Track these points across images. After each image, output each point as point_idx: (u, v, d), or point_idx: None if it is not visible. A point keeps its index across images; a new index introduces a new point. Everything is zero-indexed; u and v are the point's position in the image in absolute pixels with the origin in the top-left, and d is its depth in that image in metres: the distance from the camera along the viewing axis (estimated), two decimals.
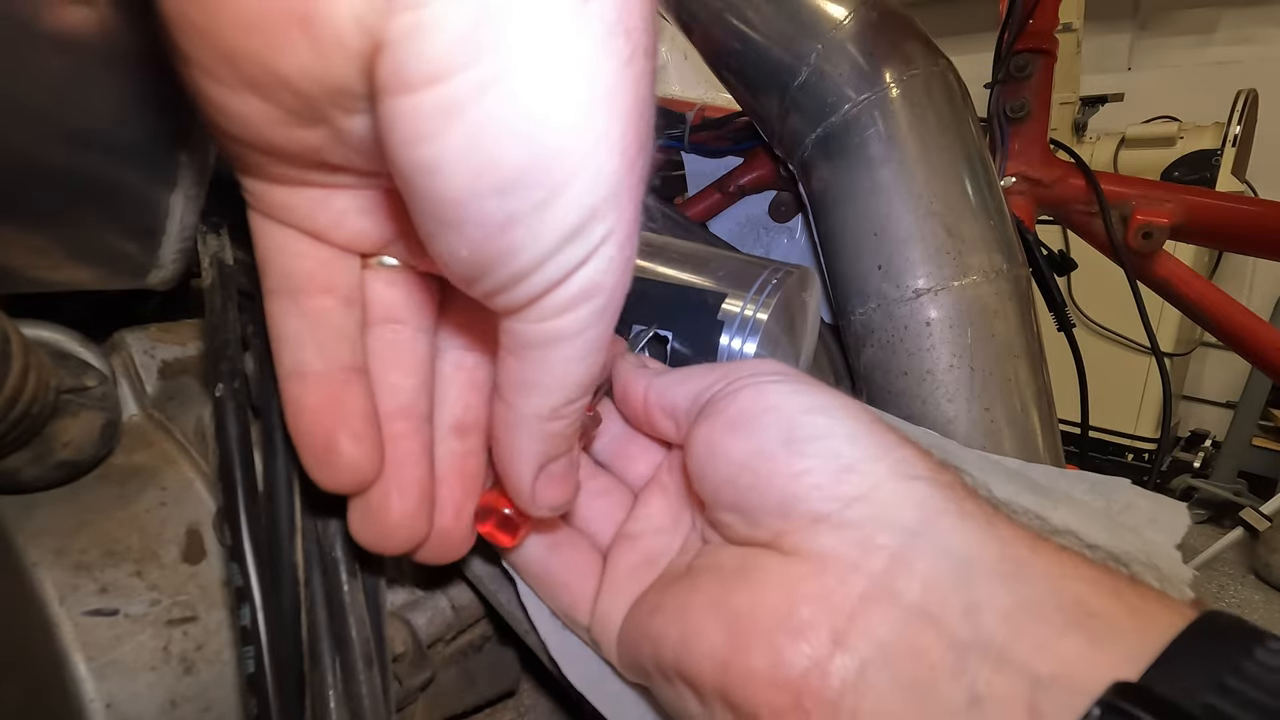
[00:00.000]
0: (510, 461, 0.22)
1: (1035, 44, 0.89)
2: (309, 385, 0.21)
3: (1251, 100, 1.89)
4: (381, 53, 0.15)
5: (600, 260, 0.17)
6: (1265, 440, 2.28)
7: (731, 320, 0.35)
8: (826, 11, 0.48)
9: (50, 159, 0.21)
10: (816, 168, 0.50)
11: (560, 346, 0.18)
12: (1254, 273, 2.44)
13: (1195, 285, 0.91)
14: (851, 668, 0.18)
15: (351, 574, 0.24)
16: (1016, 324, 0.47)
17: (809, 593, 0.19)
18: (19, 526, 0.23)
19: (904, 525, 0.19)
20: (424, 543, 0.24)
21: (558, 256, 0.16)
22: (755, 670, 0.18)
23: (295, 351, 0.21)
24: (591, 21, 0.15)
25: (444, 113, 0.14)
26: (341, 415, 0.21)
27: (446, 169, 0.15)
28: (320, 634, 0.24)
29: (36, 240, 0.23)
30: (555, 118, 0.15)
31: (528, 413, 0.20)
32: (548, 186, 0.15)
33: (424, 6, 0.14)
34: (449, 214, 0.16)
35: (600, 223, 0.16)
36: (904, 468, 0.20)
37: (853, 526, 0.19)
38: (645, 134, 0.17)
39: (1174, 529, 0.22)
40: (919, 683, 0.17)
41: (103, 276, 0.25)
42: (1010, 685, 0.16)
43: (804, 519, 0.20)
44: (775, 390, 0.22)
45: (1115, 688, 0.15)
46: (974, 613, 0.17)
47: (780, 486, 0.20)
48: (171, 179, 0.24)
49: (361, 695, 0.23)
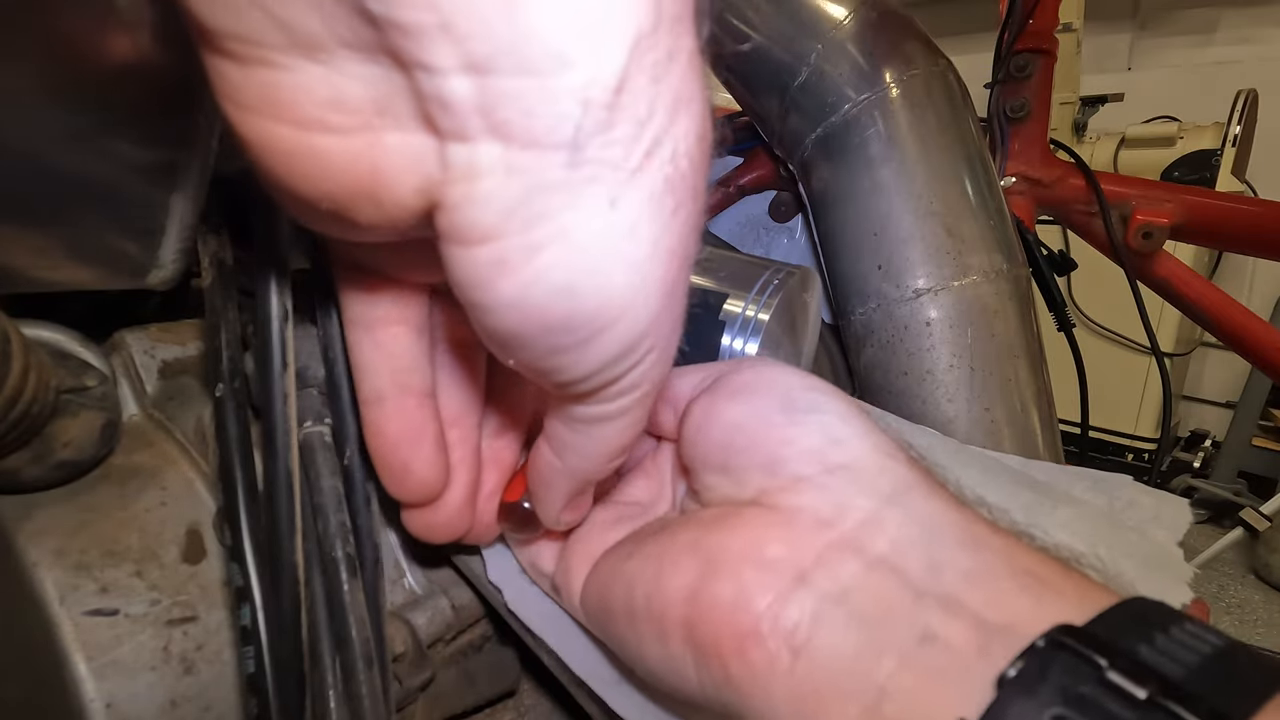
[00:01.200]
0: (545, 494, 0.24)
1: (1035, 44, 0.89)
2: (386, 411, 0.23)
3: (1251, 100, 1.89)
4: (439, 211, 0.16)
5: (642, 368, 0.18)
6: (1265, 440, 2.27)
7: (733, 320, 0.35)
8: (826, 11, 0.48)
9: (50, 159, 0.21)
10: (816, 168, 0.50)
11: (604, 425, 0.20)
12: (1254, 273, 2.44)
13: (1195, 285, 0.91)
14: (810, 602, 0.19)
15: (351, 574, 0.24)
16: (1016, 324, 0.47)
17: (779, 536, 0.20)
18: (19, 526, 0.23)
19: (880, 493, 0.20)
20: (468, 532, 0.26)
21: (602, 373, 0.18)
22: (719, 599, 0.19)
23: (372, 379, 0.23)
24: (640, 191, 0.15)
25: (495, 267, 0.15)
26: (415, 440, 0.24)
27: (497, 310, 0.16)
28: (320, 634, 0.24)
29: (36, 240, 0.23)
30: (600, 278, 0.16)
31: (570, 467, 0.22)
32: (592, 329, 0.16)
33: (476, 180, 0.15)
34: (498, 338, 0.17)
35: (642, 346, 0.17)
36: (886, 448, 0.22)
37: (832, 489, 0.20)
38: (688, 261, 0.17)
39: (1176, 526, 0.22)
40: (874, 619, 0.18)
41: (103, 276, 0.25)
42: (962, 628, 0.17)
43: (787, 478, 0.21)
44: (776, 369, 0.24)
45: (1059, 627, 0.16)
46: (934, 568, 0.18)
47: (771, 449, 0.21)
48: (171, 179, 0.24)
49: (361, 695, 0.23)
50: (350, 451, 0.26)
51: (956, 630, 0.17)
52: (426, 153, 0.15)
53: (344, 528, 0.25)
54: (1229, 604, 1.95)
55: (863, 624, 0.18)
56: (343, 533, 0.25)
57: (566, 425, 0.21)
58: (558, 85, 0.13)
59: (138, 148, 0.23)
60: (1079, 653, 0.15)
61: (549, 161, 0.14)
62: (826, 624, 0.18)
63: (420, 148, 0.15)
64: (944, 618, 0.17)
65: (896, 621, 0.18)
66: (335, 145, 0.15)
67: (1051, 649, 0.15)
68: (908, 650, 0.17)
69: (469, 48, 0.13)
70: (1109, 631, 0.16)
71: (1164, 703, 0.14)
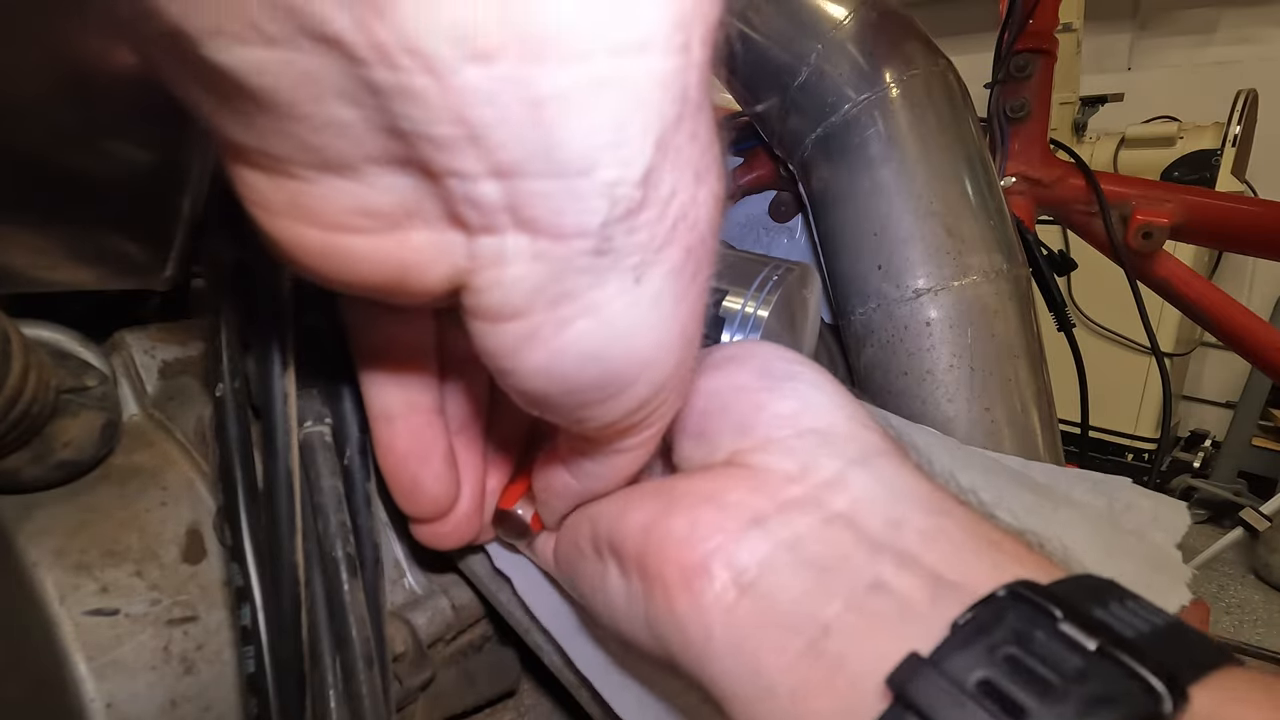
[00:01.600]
0: (555, 506, 0.24)
1: (1035, 44, 0.89)
2: (396, 428, 0.24)
3: (1251, 100, 1.89)
4: (466, 292, 0.16)
5: (663, 410, 0.19)
6: (1265, 440, 2.27)
7: (732, 317, 0.35)
8: (826, 11, 0.48)
9: (51, 159, 0.21)
10: (816, 168, 0.50)
11: (619, 457, 0.21)
12: (1254, 273, 2.44)
13: (1195, 285, 0.91)
14: (763, 545, 0.19)
15: (351, 574, 0.24)
16: (1016, 324, 0.47)
17: (741, 485, 0.20)
18: (19, 526, 0.23)
19: (848, 456, 0.20)
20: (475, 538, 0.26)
21: (625, 420, 0.18)
22: (673, 531, 0.20)
23: (382, 396, 0.24)
24: (664, 265, 0.16)
25: (523, 340, 0.16)
26: (424, 457, 0.24)
27: (526, 376, 0.17)
28: (320, 634, 0.24)
29: (37, 240, 0.23)
30: (626, 344, 0.16)
31: (586, 488, 0.23)
32: (617, 387, 0.17)
33: (504, 267, 0.15)
34: (526, 399, 0.18)
35: (659, 397, 0.18)
36: (860, 418, 0.22)
37: (801, 451, 0.20)
38: (701, 317, 0.18)
39: (1174, 528, 0.22)
40: (825, 566, 0.18)
41: (103, 276, 0.25)
42: (915, 579, 0.17)
43: (759, 439, 0.21)
44: (760, 344, 0.24)
45: (1019, 582, 0.16)
46: (894, 527, 0.18)
47: (744, 413, 0.22)
48: (172, 179, 0.24)
49: (361, 695, 0.23)
50: (350, 451, 0.26)
51: (909, 581, 0.17)
52: (454, 246, 0.15)
53: (344, 528, 0.25)
54: (1229, 604, 1.95)
55: (813, 569, 0.18)
56: (343, 533, 0.25)
57: (585, 455, 0.21)
58: (585, 185, 0.14)
59: (139, 147, 0.23)
60: (1035, 604, 0.15)
61: (576, 249, 0.14)
62: (776, 566, 0.18)
63: (448, 242, 0.15)
64: (897, 570, 0.17)
65: (848, 570, 0.18)
66: (363, 245, 0.16)
67: (1010, 600, 0.15)
68: (857, 595, 0.17)
69: (498, 157, 0.13)
70: (1066, 593, 0.16)
71: (1114, 652, 0.14)
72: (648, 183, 0.14)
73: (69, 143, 0.21)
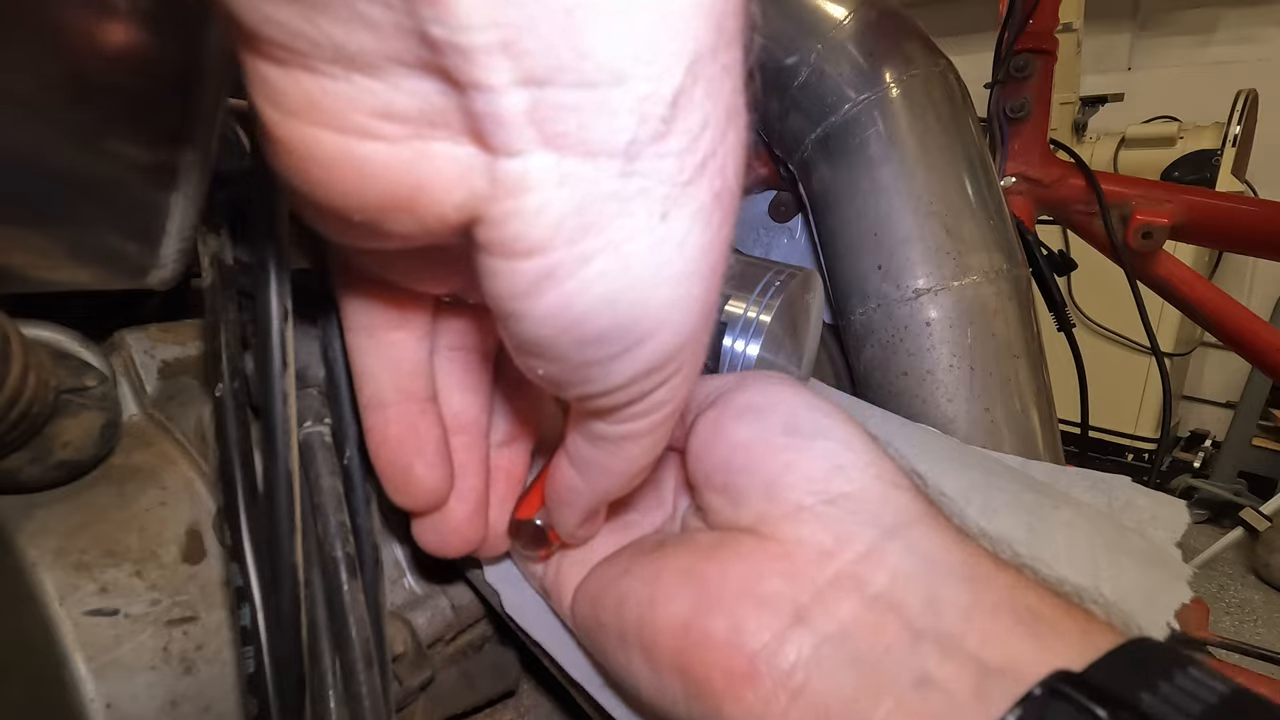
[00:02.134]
0: (564, 511, 0.23)
1: (1035, 44, 0.89)
2: (388, 416, 0.23)
3: (1251, 100, 1.89)
4: (481, 225, 0.15)
5: (670, 385, 0.18)
6: (1265, 440, 2.27)
7: (734, 322, 0.35)
8: (826, 11, 0.48)
9: (50, 159, 0.21)
10: (816, 168, 0.50)
11: (628, 444, 0.20)
12: (1254, 273, 2.44)
13: (1195, 285, 0.92)
14: (809, 643, 0.18)
15: (351, 574, 0.24)
16: (1016, 324, 0.47)
17: (778, 569, 0.20)
18: (19, 526, 0.23)
19: (882, 525, 0.20)
20: (480, 544, 0.26)
21: (630, 388, 0.17)
22: (714, 635, 0.19)
23: (374, 385, 0.23)
24: (691, 205, 0.15)
25: (539, 279, 0.15)
26: (417, 445, 0.23)
27: (534, 321, 0.16)
28: (320, 634, 0.24)
29: (36, 240, 0.23)
30: (644, 291, 0.15)
31: (592, 485, 0.22)
32: (627, 343, 0.16)
33: (526, 193, 0.14)
34: (530, 348, 0.17)
35: (673, 363, 0.17)
36: (890, 477, 0.21)
37: (833, 520, 0.20)
38: (720, 279, 0.17)
39: (1174, 527, 0.22)
40: (871, 661, 0.18)
41: (103, 276, 0.25)
42: (959, 670, 0.17)
43: (787, 506, 0.20)
44: (782, 387, 0.24)
45: (1057, 674, 0.16)
46: (934, 605, 0.18)
47: (771, 472, 0.21)
48: (172, 179, 0.24)
49: (361, 695, 0.23)
50: (350, 451, 0.26)
51: (953, 672, 0.17)
52: (474, 167, 0.15)
53: (344, 528, 0.25)
54: (1229, 604, 1.95)
55: (860, 665, 0.18)
56: (343, 533, 0.25)
57: (590, 443, 0.20)
58: (614, 98, 0.13)
59: (138, 147, 0.23)
60: (1078, 703, 0.15)
61: (603, 170, 0.14)
62: (824, 665, 0.18)
63: (469, 161, 0.15)
64: (941, 660, 0.17)
65: (894, 663, 0.17)
66: (380, 154, 0.15)
67: (1049, 697, 0.15)
68: (904, 694, 0.17)
69: (527, 64, 0.13)
70: (1110, 677, 0.15)
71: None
72: (678, 105, 0.14)
73: (69, 143, 0.21)
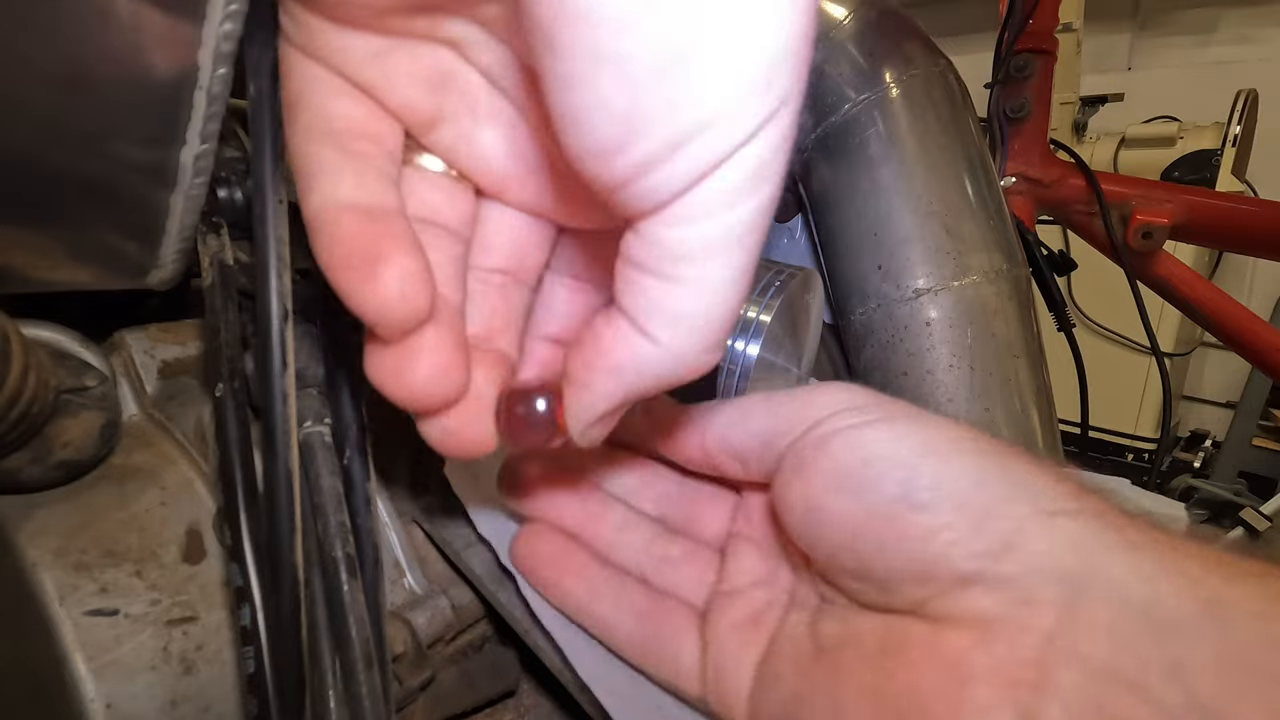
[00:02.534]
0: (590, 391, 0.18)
1: (1035, 44, 0.89)
2: (346, 214, 0.17)
3: (1251, 100, 1.89)
4: None
5: (772, 134, 0.14)
6: (1265, 440, 2.27)
7: (734, 322, 0.35)
8: (826, 11, 0.48)
9: (50, 159, 0.21)
10: (816, 168, 0.50)
11: (713, 262, 0.15)
12: (1254, 273, 2.44)
13: (1195, 285, 0.92)
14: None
15: (351, 574, 0.24)
16: (1016, 324, 0.47)
17: (980, 670, 0.16)
18: (19, 526, 0.23)
19: (1066, 574, 0.16)
20: (452, 407, 0.19)
21: (729, 117, 0.13)
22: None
23: (331, 184, 0.17)
24: None
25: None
26: (389, 232, 0.17)
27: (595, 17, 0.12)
28: (320, 634, 0.24)
29: (36, 240, 0.23)
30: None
31: (636, 352, 0.16)
32: (715, 38, 0.12)
33: None
34: (608, 43, 0.13)
35: (781, 79, 0.13)
36: (1045, 502, 0.17)
37: (1007, 583, 0.17)
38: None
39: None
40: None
41: (103, 276, 0.25)
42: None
43: (948, 582, 0.17)
44: (870, 436, 0.20)
45: None
46: (1178, 672, 0.14)
47: (910, 549, 0.18)
48: (171, 179, 0.24)
49: (361, 695, 0.23)
50: (350, 451, 0.26)
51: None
52: None
53: (344, 528, 0.25)
54: None
55: None
56: (343, 533, 0.25)
57: (644, 274, 0.15)
58: None
59: (138, 147, 0.23)
60: None
61: None
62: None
63: None
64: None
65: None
66: None
67: None
68: None
69: None
70: None
71: None
72: None
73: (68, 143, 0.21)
